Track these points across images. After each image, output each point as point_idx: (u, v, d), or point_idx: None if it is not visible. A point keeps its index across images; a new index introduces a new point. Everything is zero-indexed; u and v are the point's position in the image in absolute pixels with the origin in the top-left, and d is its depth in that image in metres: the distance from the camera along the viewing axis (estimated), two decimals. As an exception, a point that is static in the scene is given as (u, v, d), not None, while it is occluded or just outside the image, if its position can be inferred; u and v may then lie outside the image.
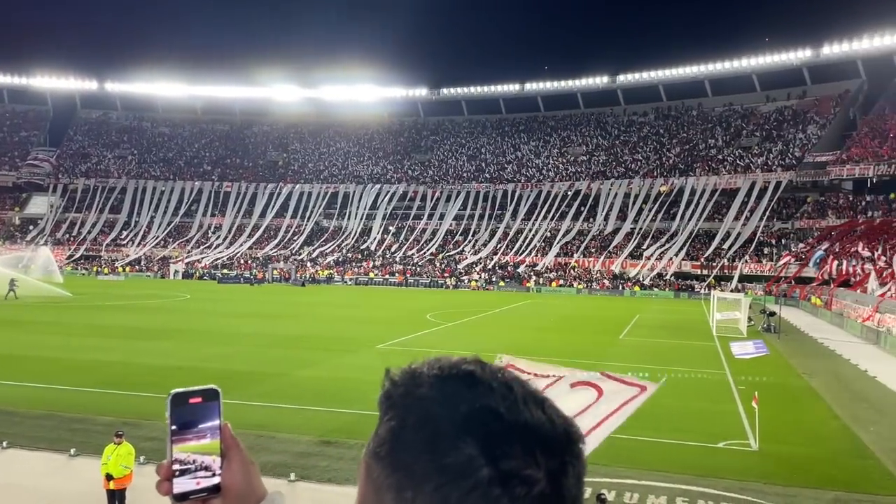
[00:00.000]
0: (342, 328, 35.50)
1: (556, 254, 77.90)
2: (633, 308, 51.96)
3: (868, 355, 31.62)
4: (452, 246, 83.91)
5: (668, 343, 33.72)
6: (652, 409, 19.59)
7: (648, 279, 70.25)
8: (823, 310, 51.55)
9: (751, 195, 73.48)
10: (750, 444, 15.69)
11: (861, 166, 69.19)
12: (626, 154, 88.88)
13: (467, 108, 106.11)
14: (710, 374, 25.17)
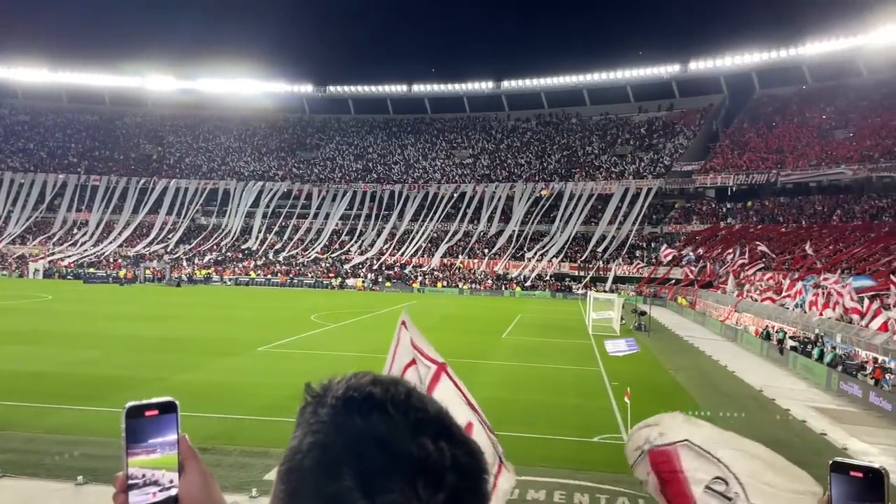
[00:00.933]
0: (221, 330, 34.23)
1: (442, 255, 78.77)
2: (514, 308, 53.38)
3: (727, 351, 34.10)
4: (338, 246, 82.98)
5: (548, 342, 34.88)
6: (530, 405, 20.22)
7: (529, 280, 72.44)
8: (688, 309, 55.08)
9: (624, 200, 77.36)
10: (622, 437, 16.48)
11: (722, 175, 74.49)
12: (510, 158, 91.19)
13: (354, 106, 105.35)
14: (587, 371, 26.26)
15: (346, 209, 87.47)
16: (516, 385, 23.37)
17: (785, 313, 37.57)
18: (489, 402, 16.84)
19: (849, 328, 29.83)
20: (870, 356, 25.85)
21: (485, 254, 78.17)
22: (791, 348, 30.96)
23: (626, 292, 62.51)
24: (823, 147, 69.95)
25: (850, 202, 64.19)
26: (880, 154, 63.30)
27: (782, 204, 69.84)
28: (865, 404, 21.99)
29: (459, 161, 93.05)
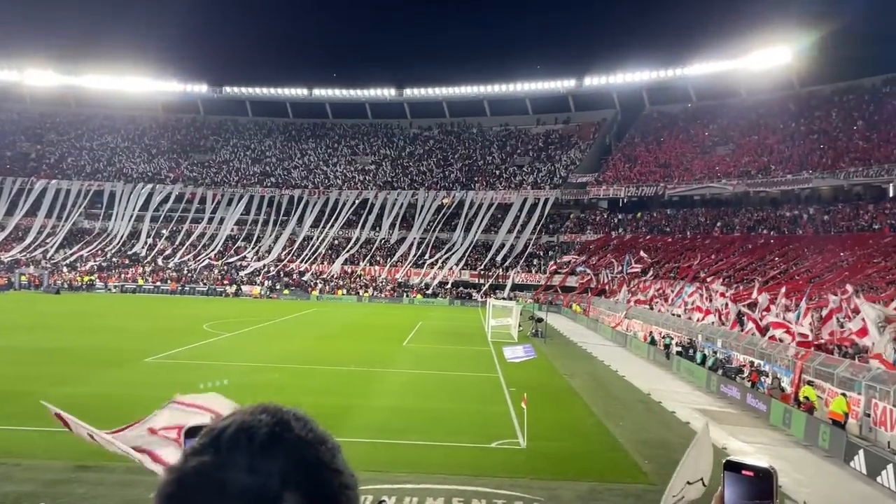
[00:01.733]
0: (105, 340, 32.35)
1: (343, 262, 77.89)
2: (416, 316, 53.47)
3: (618, 356, 35.47)
4: (234, 252, 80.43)
5: (448, 349, 35.13)
6: (430, 413, 20.28)
7: (431, 287, 72.81)
8: (582, 316, 56.95)
9: (523, 210, 79.21)
10: (519, 442, 16.79)
11: (614, 188, 77.67)
12: (412, 166, 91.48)
13: (252, 109, 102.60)
14: (485, 378, 26.60)
15: (243, 214, 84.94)
16: (417, 393, 23.36)
17: (671, 319, 39.51)
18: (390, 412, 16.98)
19: (728, 334, 31.71)
20: (747, 360, 27.56)
21: (386, 261, 77.95)
22: (676, 353, 32.58)
23: (524, 299, 63.91)
24: (707, 162, 74.29)
25: (730, 215, 68.41)
26: (757, 170, 67.89)
27: (669, 215, 73.56)
28: (743, 406, 23.41)
29: (361, 167, 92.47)
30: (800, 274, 47.21)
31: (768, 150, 69.78)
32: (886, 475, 15.00)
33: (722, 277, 49.19)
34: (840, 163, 60.43)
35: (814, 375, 22.12)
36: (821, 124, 68.77)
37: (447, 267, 74.89)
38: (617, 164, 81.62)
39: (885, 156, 57.01)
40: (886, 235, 50.51)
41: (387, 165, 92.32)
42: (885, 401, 18.48)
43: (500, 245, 76.72)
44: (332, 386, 23.55)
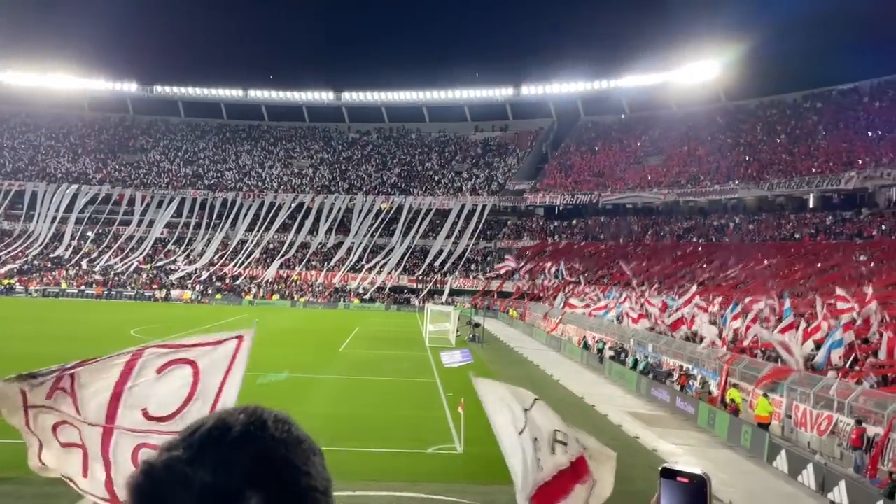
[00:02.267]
0: (22, 347, 30.86)
1: (278, 266, 76.60)
2: (352, 321, 52.99)
3: (552, 361, 36.00)
4: (163, 256, 78.06)
5: (386, 354, 34.94)
6: (367, 419, 20.10)
7: (368, 293, 72.35)
8: (518, 321, 57.59)
9: (461, 216, 79.63)
10: (456, 447, 16.82)
11: (551, 195, 78.95)
12: (350, 170, 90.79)
13: (185, 109, 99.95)
14: (422, 383, 26.56)
15: (174, 216, 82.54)
16: (353, 399, 23.15)
17: (603, 324, 40.36)
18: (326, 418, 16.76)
19: (658, 338, 32.59)
20: (676, 364, 28.38)
21: (323, 266, 77.06)
22: (609, 357, 33.28)
23: (461, 305, 64.20)
24: (639, 172, 76.32)
25: (660, 223, 70.43)
26: (686, 180, 70.14)
27: (603, 223, 75.23)
28: (672, 408, 24.07)
29: (298, 171, 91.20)
30: (726, 280, 48.91)
31: (697, 161, 72.19)
32: (807, 474, 15.66)
33: (652, 284, 50.54)
34: (764, 174, 63.00)
35: (739, 378, 22.94)
36: (746, 137, 71.57)
37: (385, 272, 74.59)
38: (553, 172, 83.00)
39: (807, 168, 59.74)
40: (807, 244, 52.90)
41: (324, 169, 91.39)
42: (806, 403, 19.32)
43: (438, 250, 76.88)
44: (264, 393, 23.07)
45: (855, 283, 33.94)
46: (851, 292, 27.50)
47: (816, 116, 67.90)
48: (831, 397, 18.38)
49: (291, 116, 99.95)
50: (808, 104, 70.88)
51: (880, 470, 15.44)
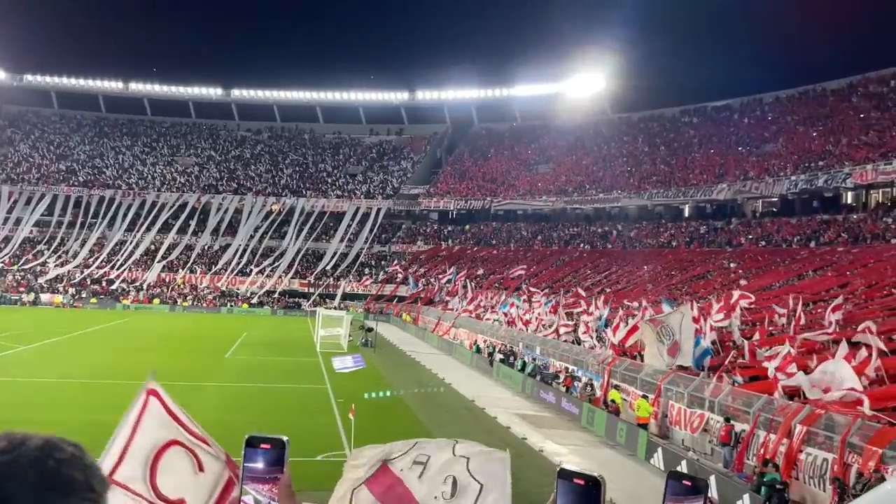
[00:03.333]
0: None
1: (160, 269, 73.04)
2: (240, 326, 51.31)
3: (444, 365, 36.28)
4: (32, 256, 72.67)
5: (275, 360, 34.07)
6: (254, 427, 19.45)
7: (257, 297, 70.31)
8: (411, 325, 57.71)
9: (355, 219, 78.97)
10: (346, 453, 16.58)
11: (445, 200, 79.78)
12: (239, 170, 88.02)
13: (58, 100, 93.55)
14: (312, 389, 26.08)
15: (44, 214, 77.04)
16: (239, 407, 22.39)
17: (493, 328, 41.13)
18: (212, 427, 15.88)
19: (546, 341, 33.55)
20: (563, 366, 29.30)
21: (209, 268, 74.21)
22: (499, 360, 33.91)
23: (354, 309, 63.60)
24: (529, 179, 78.48)
25: (549, 229, 72.70)
26: (573, 188, 72.81)
27: (495, 228, 76.77)
28: (559, 409, 24.83)
29: (183, 169, 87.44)
30: (610, 285, 51.09)
31: (584, 170, 75.07)
32: (681, 470, 16.55)
33: (542, 288, 52.04)
34: (645, 185, 66.35)
35: (620, 380, 23.97)
36: (629, 148, 75.13)
37: (275, 275, 72.72)
38: (447, 177, 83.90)
39: (683, 180, 63.40)
40: (682, 251, 56.11)
41: (211, 168, 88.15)
42: (680, 402, 20.43)
43: (331, 254, 75.85)
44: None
45: (725, 289, 36.33)
46: (721, 297, 29.37)
47: (693, 131, 72.23)
48: (704, 397, 19.53)
49: (176, 112, 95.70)
50: (686, 119, 75.29)
51: (746, 464, 16.55)
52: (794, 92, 66.23)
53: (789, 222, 51.92)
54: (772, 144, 60.18)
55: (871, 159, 46.44)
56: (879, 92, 56.62)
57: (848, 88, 60.61)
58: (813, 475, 14.74)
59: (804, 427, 15.22)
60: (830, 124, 56.59)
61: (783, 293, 30.80)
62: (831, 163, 50.19)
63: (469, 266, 66.15)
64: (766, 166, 56.22)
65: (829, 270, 38.57)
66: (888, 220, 43.92)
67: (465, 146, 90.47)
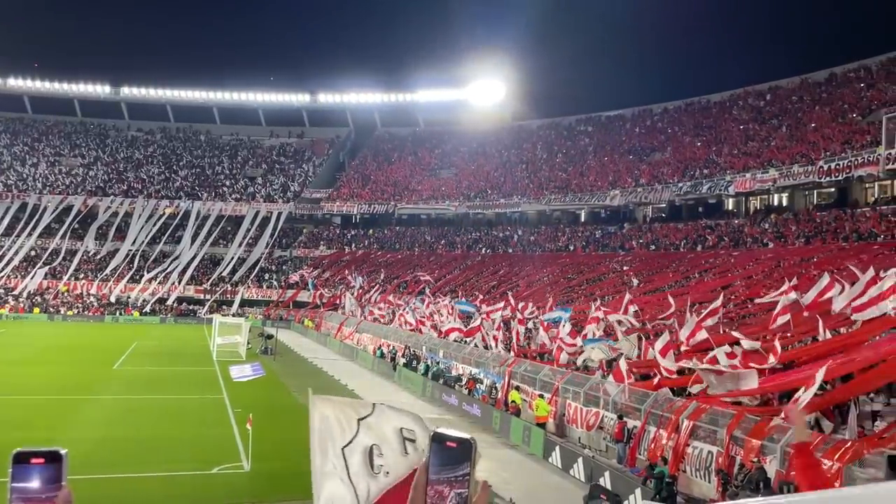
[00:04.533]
0: None
1: (42, 276, 68.47)
2: (131, 335, 48.85)
3: (347, 370, 35.94)
4: None
5: (168, 370, 32.70)
6: (146, 441, 18.60)
7: (150, 304, 67.19)
8: (313, 331, 56.80)
9: (254, 223, 76.92)
10: (243, 465, 16.12)
11: (348, 204, 79.03)
12: (129, 171, 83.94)
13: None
14: (208, 400, 25.19)
15: None
16: (130, 421, 21.33)
17: (397, 332, 41.09)
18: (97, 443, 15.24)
19: (449, 345, 33.83)
20: (465, 369, 29.63)
21: (96, 275, 70.28)
22: (402, 364, 33.92)
23: (254, 316, 61.94)
24: (433, 184, 78.98)
25: (452, 234, 73.40)
26: (476, 193, 73.87)
27: (399, 233, 76.74)
28: (461, 412, 25.09)
29: (68, 170, 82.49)
30: (510, 288, 52.10)
31: (485, 176, 76.31)
32: (577, 468, 17.08)
33: (445, 292, 52.46)
34: (543, 191, 68.18)
35: (520, 381, 24.48)
36: (528, 155, 76.99)
37: (169, 282, 69.72)
38: (350, 181, 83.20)
39: (579, 186, 65.57)
40: (579, 255, 58.01)
41: (99, 169, 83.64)
42: (577, 401, 21.09)
43: (229, 259, 73.54)
44: (20, 418, 20.47)
45: (618, 291, 37.84)
46: (612, 300, 30.58)
47: (588, 139, 74.87)
48: (598, 395, 20.24)
49: (60, 110, 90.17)
50: (581, 127, 77.96)
51: (638, 459, 17.28)
52: (681, 103, 69.95)
53: (677, 227, 54.68)
54: (660, 153, 63.25)
55: (749, 168, 49.63)
56: (757, 105, 60.65)
57: (729, 101, 64.58)
58: (699, 468, 15.57)
59: (691, 422, 16.05)
60: (714, 135, 60.09)
61: (673, 294, 32.38)
62: (714, 171, 53.26)
63: (371, 270, 65.72)
64: (656, 174, 59.02)
65: (712, 273, 40.86)
66: (765, 226, 47.06)
67: (369, 150, 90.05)
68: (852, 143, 43.07)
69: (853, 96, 50.73)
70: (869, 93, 49.58)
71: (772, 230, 45.69)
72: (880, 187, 42.78)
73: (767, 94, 61.00)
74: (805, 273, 30.59)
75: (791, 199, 48.84)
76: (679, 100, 70.64)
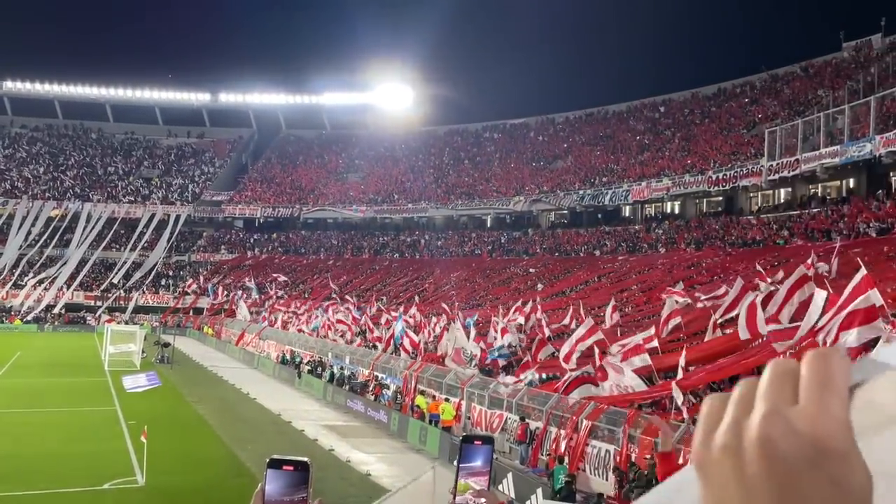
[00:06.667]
0: None
1: None
2: (13, 345, 45.63)
3: (249, 378, 34.99)
4: None
5: (55, 381, 30.83)
6: (29, 459, 17.46)
7: (34, 312, 63.06)
8: (213, 338, 54.98)
9: (150, 226, 73.69)
10: (137, 479, 15.43)
11: (251, 207, 77.03)
12: (12, 170, 78.63)
13: None
14: (100, 412, 23.95)
15: None
16: (12, 436, 19.97)
17: (303, 338, 40.43)
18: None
19: (356, 351, 33.58)
20: (372, 374, 29.48)
21: (-27, 281, 65.36)
22: (308, 371, 33.37)
23: (149, 323, 59.34)
24: (340, 188, 78.15)
25: (359, 238, 72.90)
26: (383, 198, 73.69)
27: (304, 237, 75.46)
28: (366, 418, 24.94)
29: (-59, 168, 76.42)
30: (418, 293, 52.30)
31: (393, 181, 76.28)
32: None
33: (354, 296, 52.02)
34: (451, 196, 68.87)
35: (427, 385, 24.61)
36: (435, 161, 77.57)
37: (56, 287, 65.70)
38: (254, 183, 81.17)
39: (485, 192, 66.64)
40: (486, 259, 58.93)
41: (-22, 168, 77.96)
42: (481, 404, 21.41)
43: (122, 263, 70.09)
44: None
45: (523, 295, 38.71)
46: (516, 305, 31.25)
47: (493, 146, 76.22)
48: (502, 397, 20.63)
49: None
50: (488, 134, 79.27)
51: (540, 459, 17.72)
52: (582, 113, 72.41)
53: (578, 233, 56.51)
54: (562, 161, 65.20)
55: (645, 177, 51.97)
56: (652, 116, 63.58)
57: (626, 112, 67.39)
58: (597, 466, 16.14)
59: (589, 422, 16.63)
60: (612, 144, 62.52)
61: (574, 298, 33.43)
62: (612, 179, 55.45)
63: (278, 275, 64.30)
64: (558, 181, 60.79)
65: (610, 277, 42.50)
66: (659, 232, 49.38)
67: (273, 152, 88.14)
68: (738, 154, 45.89)
69: (739, 110, 54.07)
70: (752, 107, 52.97)
71: (665, 236, 47.98)
72: (763, 196, 45.75)
73: (661, 107, 64.05)
74: (695, 277, 32.31)
75: (683, 206, 51.44)
76: (580, 109, 73.11)
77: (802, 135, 39.36)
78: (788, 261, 28.92)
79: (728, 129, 51.79)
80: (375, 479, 17.03)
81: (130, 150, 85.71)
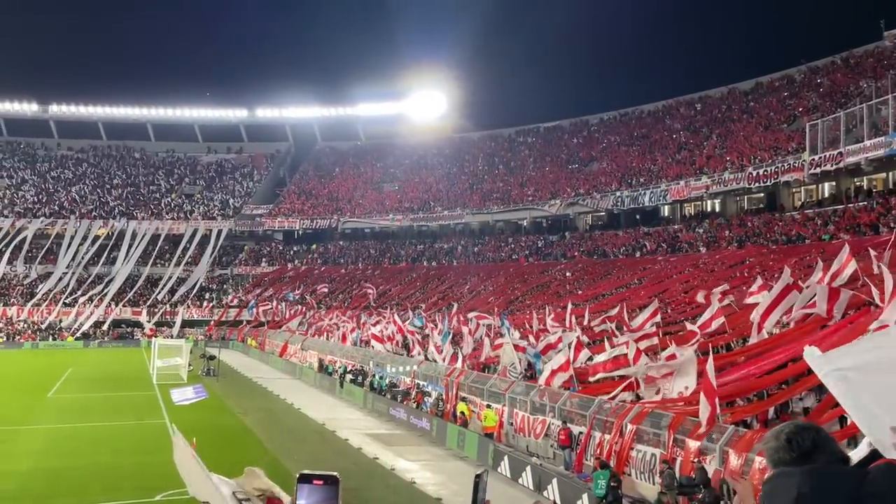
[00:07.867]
0: None
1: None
2: (66, 361, 47.06)
3: (292, 388, 35.45)
4: None
5: (106, 396, 31.65)
6: (84, 471, 17.96)
7: (84, 328, 64.84)
8: (256, 350, 55.79)
9: (193, 241, 75.22)
10: (188, 491, 15.72)
11: (290, 220, 78.09)
12: (59, 191, 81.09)
13: None
14: (150, 425, 24.50)
15: None
16: (66, 450, 20.57)
17: (344, 348, 40.76)
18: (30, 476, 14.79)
19: (397, 359, 33.74)
20: (413, 383, 29.59)
21: (27, 300, 67.50)
22: (350, 381, 33.64)
23: (194, 336, 60.47)
24: (376, 198, 78.77)
25: (397, 247, 73.30)
26: (419, 206, 74.03)
27: (342, 247, 76.19)
28: (409, 426, 25.03)
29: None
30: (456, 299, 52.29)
31: (428, 188, 76.56)
32: (525, 476, 17.26)
33: (391, 306, 52.28)
34: (486, 202, 68.83)
35: (468, 392, 24.60)
36: (470, 167, 77.65)
37: (104, 304, 67.45)
38: (291, 196, 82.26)
39: (520, 197, 66.43)
40: (523, 264, 58.68)
41: (27, 190, 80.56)
42: (524, 410, 21.31)
43: (167, 279, 71.66)
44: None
45: (561, 300, 38.43)
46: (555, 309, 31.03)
47: (527, 150, 75.98)
48: (544, 403, 20.51)
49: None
50: (521, 138, 79.07)
51: (585, 465, 17.56)
52: (616, 114, 71.75)
53: (616, 235, 55.90)
54: (598, 163, 64.65)
55: (683, 176, 51.21)
56: (688, 114, 62.68)
57: (662, 111, 66.55)
58: (643, 470, 15.94)
59: (634, 426, 16.43)
60: (648, 144, 61.78)
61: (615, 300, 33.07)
62: (650, 179, 54.74)
63: (318, 286, 64.98)
64: (595, 183, 60.27)
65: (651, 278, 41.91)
66: (699, 231, 48.58)
67: (310, 165, 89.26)
68: (779, 149, 44.93)
69: (778, 105, 52.96)
70: (792, 101, 51.84)
71: (706, 235, 47.19)
72: (806, 191, 44.70)
73: (698, 104, 63.11)
74: (737, 276, 31.70)
75: (723, 204, 50.54)
76: (614, 110, 72.45)
77: (845, 127, 38.37)
78: (834, 257, 28.18)
79: (767, 124, 50.76)
80: (420, 486, 17.07)
81: (172, 168, 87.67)
